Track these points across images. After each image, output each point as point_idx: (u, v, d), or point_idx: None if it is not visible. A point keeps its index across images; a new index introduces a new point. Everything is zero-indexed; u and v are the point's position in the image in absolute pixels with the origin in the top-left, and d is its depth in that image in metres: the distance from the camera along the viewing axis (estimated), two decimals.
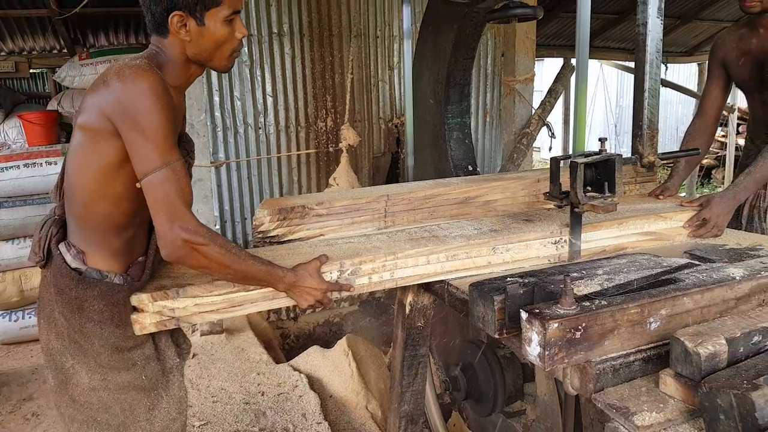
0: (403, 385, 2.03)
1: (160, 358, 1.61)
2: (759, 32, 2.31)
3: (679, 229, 2.04)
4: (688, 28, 7.14)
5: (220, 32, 1.48)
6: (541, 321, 1.20)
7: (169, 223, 1.35)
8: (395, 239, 1.89)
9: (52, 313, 1.54)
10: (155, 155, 1.36)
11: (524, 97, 4.91)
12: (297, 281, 1.53)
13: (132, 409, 1.56)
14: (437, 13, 2.99)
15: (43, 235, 1.54)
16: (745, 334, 1.18)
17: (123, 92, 1.35)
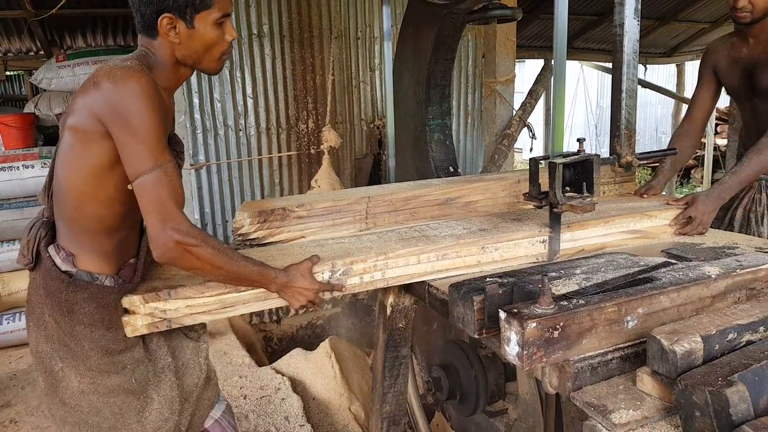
0: (385, 386, 2.03)
1: (151, 359, 1.59)
2: (749, 42, 2.36)
3: (664, 227, 2.06)
4: (667, 29, 7.23)
5: (210, 35, 1.49)
6: (519, 321, 1.20)
7: (162, 224, 1.35)
8: (385, 239, 1.90)
9: (41, 316, 1.52)
10: (147, 157, 1.35)
11: (505, 98, 4.93)
12: (289, 282, 1.53)
13: (122, 412, 1.54)
14: (417, 15, 2.99)
15: (31, 237, 1.53)
16: (720, 332, 1.19)
17: (114, 93, 1.34)
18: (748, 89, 2.40)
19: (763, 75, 2.32)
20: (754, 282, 1.44)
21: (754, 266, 1.46)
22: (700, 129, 2.54)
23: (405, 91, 3.16)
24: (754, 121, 2.44)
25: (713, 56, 2.49)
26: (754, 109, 2.43)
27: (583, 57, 7.69)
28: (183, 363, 1.67)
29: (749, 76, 2.37)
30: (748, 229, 2.51)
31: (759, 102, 2.38)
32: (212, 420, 1.78)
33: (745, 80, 2.40)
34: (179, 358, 1.66)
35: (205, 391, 1.74)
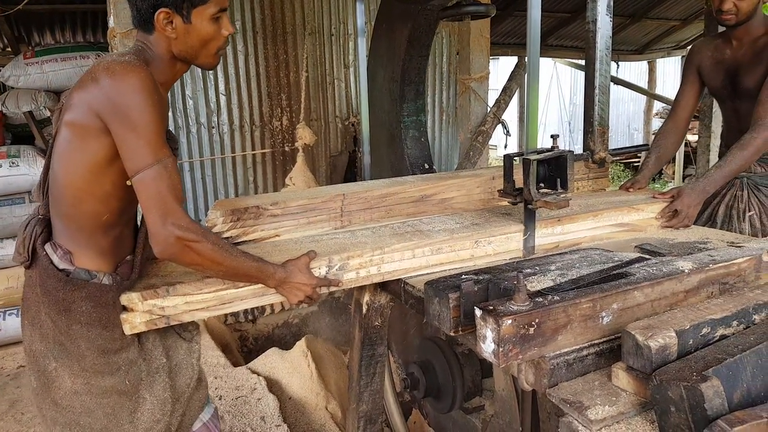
0: (361, 384, 2.01)
1: (145, 358, 1.58)
2: (732, 44, 2.43)
3: (651, 220, 2.11)
4: (638, 26, 7.33)
5: (207, 30, 1.48)
6: (494, 318, 1.19)
7: (162, 220, 1.34)
8: (380, 234, 1.90)
9: (37, 314, 1.51)
10: (147, 152, 1.34)
11: (479, 95, 4.94)
12: (287, 277, 1.54)
13: (115, 413, 1.53)
14: (391, 11, 2.97)
15: (27, 234, 1.51)
16: (694, 326, 1.20)
17: (113, 88, 1.34)
18: (731, 90, 2.46)
19: (745, 76, 2.37)
20: (727, 276, 1.46)
21: (727, 261, 1.47)
22: (683, 127, 2.62)
23: (379, 88, 3.14)
24: (736, 120, 2.50)
25: (698, 57, 2.55)
26: (736, 110, 2.49)
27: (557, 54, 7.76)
28: (176, 363, 1.66)
29: (732, 77, 2.43)
30: (729, 225, 2.57)
31: (740, 102, 2.44)
32: (201, 423, 1.76)
33: (728, 81, 2.46)
34: (173, 358, 1.65)
35: (196, 392, 1.73)
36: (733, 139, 2.47)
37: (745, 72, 2.38)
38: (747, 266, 1.49)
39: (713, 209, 2.61)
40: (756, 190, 2.52)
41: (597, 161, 1.84)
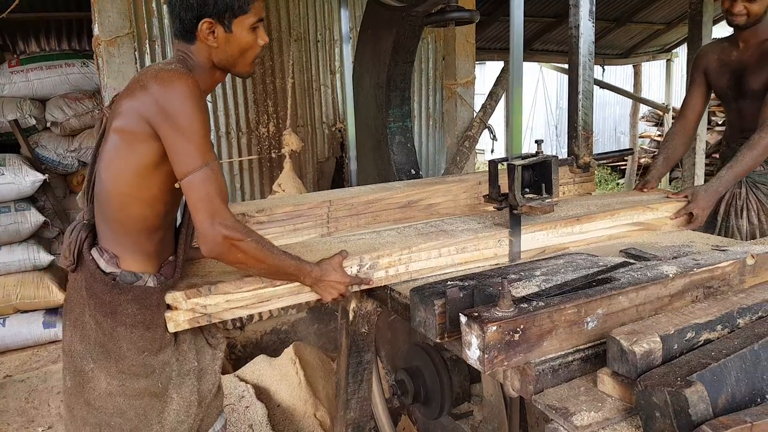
0: (349, 392, 2.00)
1: (178, 359, 1.63)
2: (739, 46, 2.51)
3: (665, 219, 2.18)
4: (623, 30, 7.38)
5: (246, 39, 1.55)
6: (479, 324, 1.19)
7: (210, 220, 1.40)
8: (405, 234, 1.96)
9: (81, 316, 1.56)
10: (196, 155, 1.40)
11: (465, 100, 4.95)
12: (322, 275, 1.60)
13: (145, 414, 1.59)
14: (375, 18, 2.97)
15: (72, 239, 1.57)
16: (678, 331, 1.20)
17: (162, 95, 1.40)
18: (735, 91, 2.53)
19: (751, 77, 2.44)
20: (711, 280, 1.47)
21: (711, 265, 1.48)
22: (692, 128, 2.68)
23: (365, 95, 3.14)
24: (740, 120, 2.57)
25: (704, 60, 2.63)
26: (740, 110, 2.55)
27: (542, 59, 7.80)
28: (202, 368, 1.71)
29: (737, 79, 2.51)
30: (727, 222, 2.63)
31: (744, 103, 2.51)
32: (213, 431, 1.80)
33: (733, 82, 2.53)
34: (200, 362, 1.70)
35: (215, 400, 1.77)
36: (736, 138, 2.56)
37: (751, 73, 2.44)
38: (731, 270, 1.50)
39: (714, 207, 2.60)
40: (755, 188, 2.58)
41: (581, 166, 1.84)
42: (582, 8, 1.73)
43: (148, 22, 3.73)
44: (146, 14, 3.71)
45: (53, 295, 4.23)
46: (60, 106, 4.57)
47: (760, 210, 2.56)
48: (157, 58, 3.80)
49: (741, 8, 2.34)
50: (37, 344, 4.17)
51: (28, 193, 4.23)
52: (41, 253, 4.30)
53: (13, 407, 3.25)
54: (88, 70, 4.71)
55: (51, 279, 4.29)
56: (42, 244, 4.43)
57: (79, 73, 4.69)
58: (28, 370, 3.79)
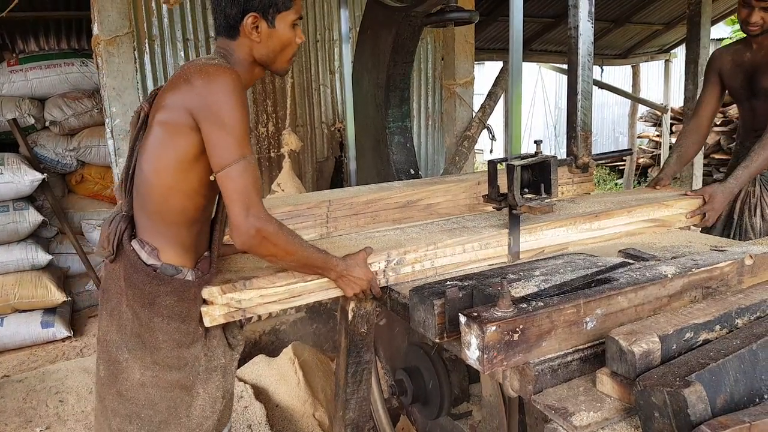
0: (348, 392, 1.99)
1: (207, 354, 1.66)
2: (752, 47, 2.61)
3: (679, 216, 2.25)
4: (622, 31, 7.39)
5: (287, 35, 1.60)
6: (479, 324, 1.19)
7: (246, 212, 1.42)
8: (428, 231, 1.99)
9: (118, 306, 1.59)
10: (235, 148, 1.43)
11: (465, 100, 4.95)
12: (347, 270, 1.62)
13: (175, 407, 1.61)
14: (375, 18, 2.97)
15: (112, 230, 1.59)
16: (677, 331, 1.20)
17: (206, 88, 1.43)
18: (748, 90, 2.64)
19: (762, 77, 2.56)
20: (710, 281, 1.47)
21: (709, 265, 1.48)
22: (706, 126, 2.77)
23: (365, 95, 3.14)
24: (752, 118, 2.67)
25: (718, 62, 2.74)
26: (753, 109, 2.66)
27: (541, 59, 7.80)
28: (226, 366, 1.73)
29: (750, 78, 2.62)
30: (741, 220, 2.70)
31: (757, 102, 2.63)
32: None
33: (746, 82, 2.64)
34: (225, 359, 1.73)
35: (230, 401, 1.80)
36: (748, 136, 2.68)
37: (763, 73, 2.56)
38: (730, 270, 1.50)
39: (730, 206, 2.69)
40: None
41: (580, 166, 1.84)
42: (581, 9, 1.73)
43: (148, 21, 3.73)
44: (146, 14, 3.71)
45: (51, 294, 4.23)
46: (59, 106, 4.57)
47: None
48: (156, 58, 3.80)
49: (758, 19, 2.45)
50: (35, 344, 4.17)
51: (27, 192, 4.23)
52: (39, 252, 4.30)
53: (11, 407, 3.25)
54: (88, 69, 4.71)
55: (49, 279, 4.29)
56: (40, 243, 4.43)
57: (78, 73, 4.70)
58: (26, 370, 3.79)
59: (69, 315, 4.42)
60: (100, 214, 4.74)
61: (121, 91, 3.60)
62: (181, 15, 3.87)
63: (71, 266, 4.77)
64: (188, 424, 1.64)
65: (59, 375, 3.58)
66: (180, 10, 3.85)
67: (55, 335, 4.20)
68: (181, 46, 3.88)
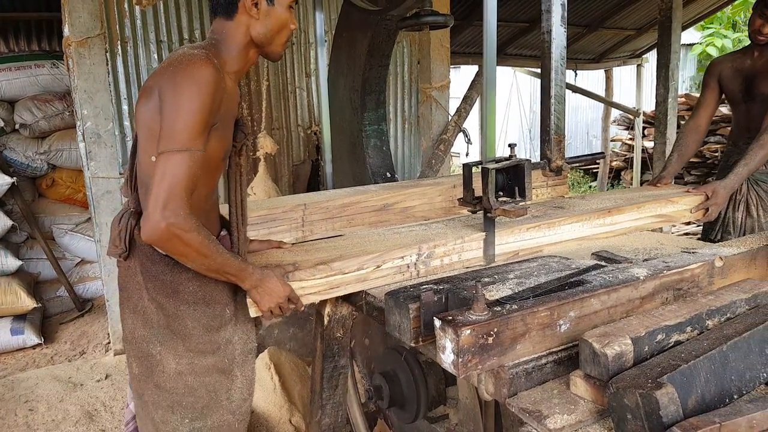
0: (323, 397, 1.98)
1: (241, 337, 1.68)
2: (754, 55, 2.81)
3: (684, 211, 2.38)
4: (595, 35, 7.48)
5: (284, 16, 1.61)
6: (453, 328, 1.19)
7: (163, 204, 1.37)
8: (452, 226, 2.00)
9: (140, 301, 1.59)
10: (182, 137, 1.40)
11: (441, 103, 4.98)
12: (262, 280, 1.57)
13: (216, 391, 1.63)
14: (350, 21, 2.96)
15: (122, 227, 1.59)
16: (649, 333, 1.21)
17: (175, 73, 1.42)
18: (746, 94, 2.83)
19: (760, 83, 2.75)
20: (681, 282, 1.49)
21: (680, 267, 1.50)
22: (704, 127, 2.94)
23: (341, 98, 3.13)
24: (747, 120, 2.85)
25: (718, 67, 2.93)
26: (749, 111, 2.84)
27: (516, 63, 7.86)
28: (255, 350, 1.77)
29: (749, 83, 2.81)
30: (724, 214, 2.86)
31: (752, 105, 2.81)
32: None
33: (744, 86, 2.83)
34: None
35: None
36: (743, 137, 2.85)
37: (761, 79, 2.74)
38: (700, 272, 1.52)
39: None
40: (755, 185, 2.80)
41: (554, 169, 1.85)
42: (554, 14, 1.75)
43: (120, 23, 3.67)
44: (118, 15, 3.65)
45: (21, 301, 4.14)
46: (29, 108, 4.48)
47: (759, 205, 2.81)
48: (129, 60, 3.74)
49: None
50: (4, 351, 4.07)
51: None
52: (9, 258, 4.20)
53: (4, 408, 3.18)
54: (59, 71, 4.62)
55: (19, 285, 4.19)
56: (10, 248, 4.32)
57: (49, 75, 4.61)
58: None
59: (39, 322, 4.32)
60: (71, 218, 4.65)
61: (92, 93, 3.54)
62: (154, 17, 3.82)
63: (42, 272, 4.66)
64: (229, 406, 1.66)
65: (29, 383, 3.50)
66: (153, 12, 3.80)
67: (25, 342, 4.10)
68: (154, 48, 3.83)
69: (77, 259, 4.76)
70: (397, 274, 1.75)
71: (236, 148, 1.69)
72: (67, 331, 4.38)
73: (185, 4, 3.95)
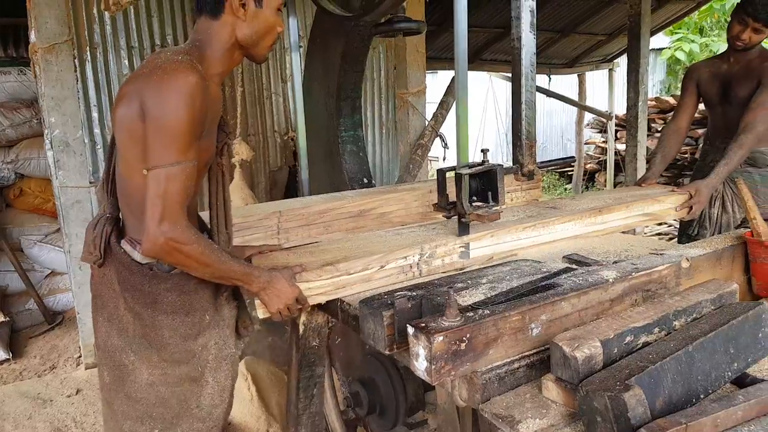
0: (300, 407, 1.97)
1: (217, 342, 1.65)
2: (730, 60, 2.93)
3: (669, 209, 2.48)
4: (568, 41, 7.58)
5: (271, 19, 1.58)
6: (426, 335, 1.19)
7: (159, 218, 1.38)
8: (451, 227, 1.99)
9: (116, 310, 1.56)
10: (171, 151, 1.39)
11: (417, 109, 5.00)
12: (270, 282, 1.57)
13: (186, 400, 1.61)
14: (324, 27, 2.96)
15: (97, 234, 1.56)
16: (618, 335, 1.23)
17: (159, 84, 1.39)
18: (723, 97, 2.95)
19: (737, 87, 2.86)
20: (649, 284, 1.51)
21: (648, 268, 1.52)
22: (685, 129, 3.08)
23: (316, 103, 3.12)
24: (724, 122, 2.97)
25: (697, 72, 3.06)
26: (725, 113, 2.96)
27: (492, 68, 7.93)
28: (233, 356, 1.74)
29: (726, 87, 2.93)
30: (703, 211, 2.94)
31: (729, 107, 2.92)
32: None
33: (721, 90, 2.95)
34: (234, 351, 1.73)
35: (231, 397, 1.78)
36: (718, 138, 2.99)
37: (737, 83, 2.86)
38: (668, 273, 1.55)
39: None
40: (731, 182, 2.87)
41: (526, 174, 1.87)
42: (523, 21, 1.77)
43: (89, 28, 3.62)
44: (87, 21, 3.60)
45: None
46: None
47: (734, 201, 2.92)
48: (99, 66, 3.69)
49: (747, 37, 2.73)
50: None
51: None
52: None
53: None
54: (26, 78, 4.54)
55: None
56: None
57: (15, 82, 4.52)
58: None
59: (7, 336, 4.22)
60: (41, 229, 4.56)
61: (60, 100, 3.48)
62: (124, 22, 3.77)
63: (9, 284, 4.55)
64: (199, 414, 1.64)
65: None
66: (124, 17, 3.75)
67: None
68: (125, 54, 3.78)
69: (47, 270, 4.65)
70: (400, 274, 1.77)
71: (217, 148, 1.67)
72: (37, 345, 4.28)
73: (157, 10, 3.91)
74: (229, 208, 1.72)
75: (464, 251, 1.88)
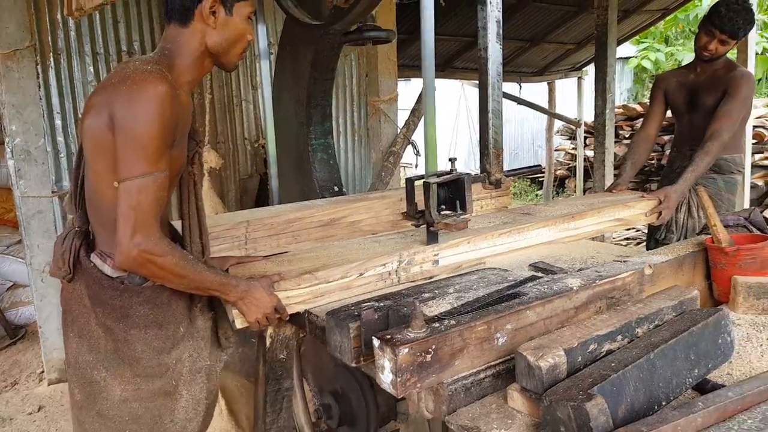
0: (267, 422, 1.94)
1: (192, 355, 1.63)
2: (697, 70, 3.01)
3: (639, 215, 2.53)
4: (538, 49, 7.70)
5: (241, 27, 1.57)
6: (391, 347, 1.18)
7: (131, 231, 1.36)
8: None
9: (86, 325, 1.54)
10: (142, 162, 1.37)
11: (389, 116, 5.01)
12: (248, 291, 1.55)
13: (160, 415, 1.58)
14: (294, 34, 2.95)
15: (66, 247, 1.53)
16: (581, 344, 1.24)
17: (129, 96, 1.37)
18: (690, 106, 3.04)
19: (703, 96, 2.95)
20: (613, 291, 1.53)
21: (612, 276, 1.54)
22: (653, 137, 3.18)
23: (286, 111, 3.10)
24: (691, 130, 3.05)
25: (665, 82, 3.15)
26: (691, 121, 3.05)
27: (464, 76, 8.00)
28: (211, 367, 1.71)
29: (692, 96, 3.02)
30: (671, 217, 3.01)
31: (695, 116, 3.01)
32: None
33: (688, 99, 3.04)
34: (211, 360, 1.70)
35: (212, 404, 1.76)
36: (685, 145, 3.08)
37: (704, 92, 2.94)
38: (631, 280, 1.57)
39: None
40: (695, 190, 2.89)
41: (493, 182, 1.88)
42: (490, 31, 1.79)
43: (53, 34, 3.54)
44: (50, 26, 3.52)
45: None
46: None
47: (699, 207, 2.96)
48: (63, 72, 3.61)
49: (713, 48, 2.80)
50: None
51: None
52: None
53: None
54: None
55: None
56: None
57: None
58: None
59: None
60: (2, 240, 4.44)
61: (21, 108, 3.39)
62: (89, 28, 3.70)
63: None
64: (173, 428, 1.61)
65: None
66: (89, 23, 3.68)
67: None
68: (90, 60, 3.70)
69: (8, 283, 4.53)
70: (379, 282, 1.76)
71: (189, 156, 1.65)
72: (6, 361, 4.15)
73: (123, 16, 3.85)
74: (203, 216, 1.70)
75: (436, 260, 1.88)
